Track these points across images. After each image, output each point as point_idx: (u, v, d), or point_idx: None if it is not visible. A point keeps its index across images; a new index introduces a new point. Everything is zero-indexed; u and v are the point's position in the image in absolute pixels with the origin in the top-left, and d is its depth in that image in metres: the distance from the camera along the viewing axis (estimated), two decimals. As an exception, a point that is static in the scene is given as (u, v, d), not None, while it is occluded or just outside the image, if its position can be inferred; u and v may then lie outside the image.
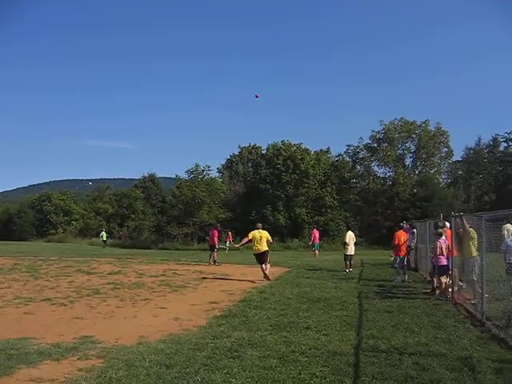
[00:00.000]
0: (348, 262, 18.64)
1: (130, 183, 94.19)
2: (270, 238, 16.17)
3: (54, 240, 55.52)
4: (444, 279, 12.57)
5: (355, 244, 19.55)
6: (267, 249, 15.81)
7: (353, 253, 18.93)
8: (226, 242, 35.17)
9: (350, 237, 19.08)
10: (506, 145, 54.84)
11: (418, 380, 5.60)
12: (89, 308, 10.51)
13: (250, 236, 15.83)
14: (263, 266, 15.52)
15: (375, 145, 52.74)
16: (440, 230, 12.85)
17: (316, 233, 30.87)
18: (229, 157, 67.30)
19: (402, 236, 16.41)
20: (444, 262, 12.40)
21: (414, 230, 19.27)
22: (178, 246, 46.41)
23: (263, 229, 16.19)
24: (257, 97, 24.84)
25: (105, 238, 46.81)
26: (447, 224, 13.66)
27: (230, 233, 37.10)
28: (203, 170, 52.15)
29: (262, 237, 15.72)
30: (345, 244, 19.02)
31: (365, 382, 5.56)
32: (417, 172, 53.30)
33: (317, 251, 29.89)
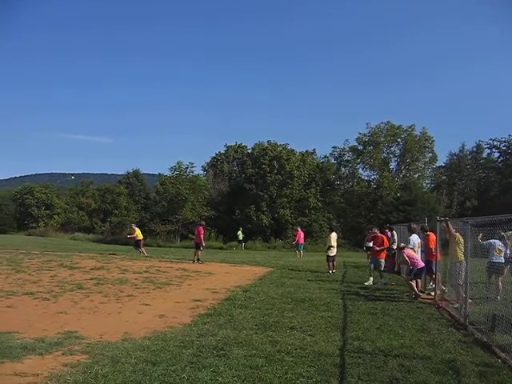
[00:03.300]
0: (331, 264, 18.68)
1: (112, 178, 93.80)
2: None
3: (35, 234, 54.61)
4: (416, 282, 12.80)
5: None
6: None
7: (335, 253, 18.93)
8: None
9: (333, 238, 19.11)
10: (489, 151, 55.38)
11: (403, 382, 5.66)
12: (72, 303, 10.41)
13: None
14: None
15: (361, 147, 52.93)
16: (402, 245, 13.28)
17: (301, 233, 30.56)
18: (214, 155, 66.91)
19: (385, 239, 16.60)
20: (421, 264, 12.59)
21: (394, 232, 19.54)
22: (161, 242, 46.02)
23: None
24: None
25: (241, 238, 42.07)
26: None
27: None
28: (186, 168, 51.73)
29: None
30: (329, 247, 18.92)
31: (351, 382, 5.61)
32: (401, 176, 53.58)
33: (301, 251, 29.78)
